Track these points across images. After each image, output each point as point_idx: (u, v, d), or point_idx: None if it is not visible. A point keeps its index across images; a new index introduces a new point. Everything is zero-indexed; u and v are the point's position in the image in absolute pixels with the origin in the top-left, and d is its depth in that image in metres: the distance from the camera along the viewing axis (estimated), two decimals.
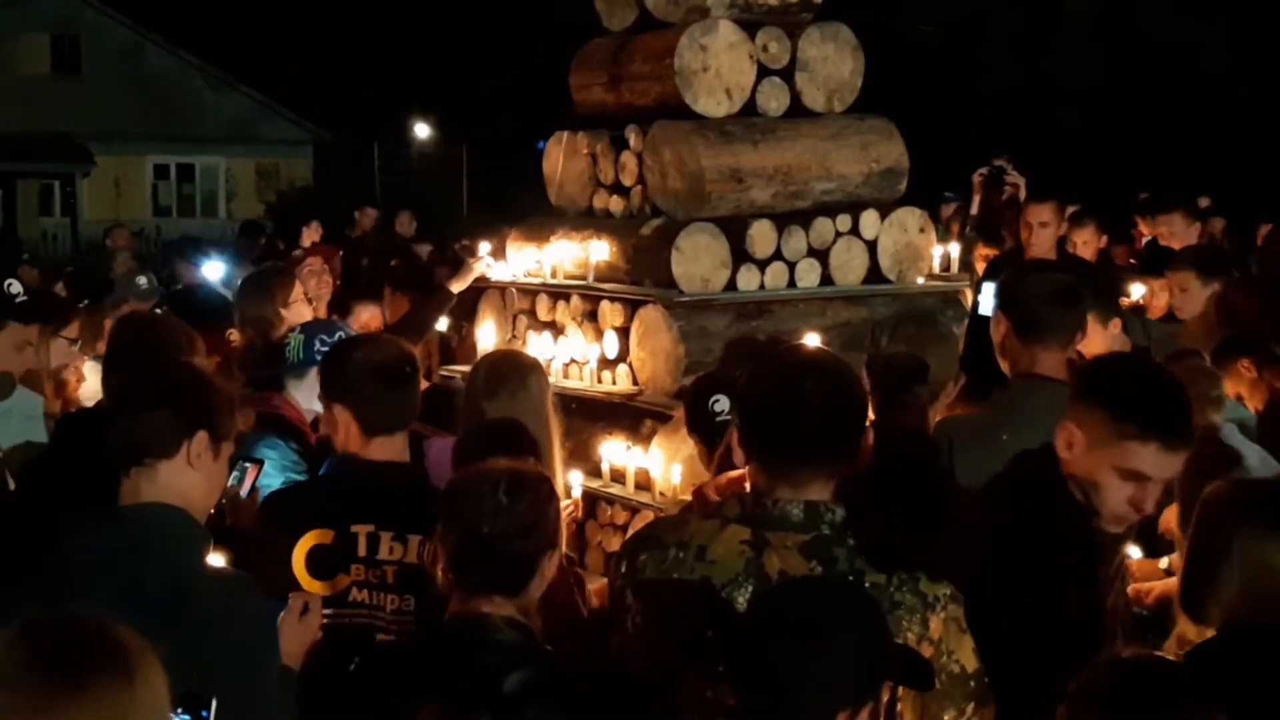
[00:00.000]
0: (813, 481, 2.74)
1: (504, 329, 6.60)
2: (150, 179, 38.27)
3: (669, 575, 2.79)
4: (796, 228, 5.94)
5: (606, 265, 6.10)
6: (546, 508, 3.10)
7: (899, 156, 6.25)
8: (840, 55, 6.19)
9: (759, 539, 2.73)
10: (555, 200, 6.72)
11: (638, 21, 6.31)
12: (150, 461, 3.01)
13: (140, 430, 3.01)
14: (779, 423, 2.74)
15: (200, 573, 2.99)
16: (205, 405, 3.07)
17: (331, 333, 4.92)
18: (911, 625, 2.67)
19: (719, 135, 5.91)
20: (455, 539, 3.03)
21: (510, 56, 32.27)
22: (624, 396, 5.81)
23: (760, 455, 2.78)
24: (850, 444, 2.78)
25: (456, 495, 3.12)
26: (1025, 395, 3.78)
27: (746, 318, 5.79)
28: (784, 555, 2.70)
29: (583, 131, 6.50)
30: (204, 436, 3.03)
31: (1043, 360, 3.93)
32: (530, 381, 4.48)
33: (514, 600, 3.02)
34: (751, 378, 2.88)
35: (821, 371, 2.80)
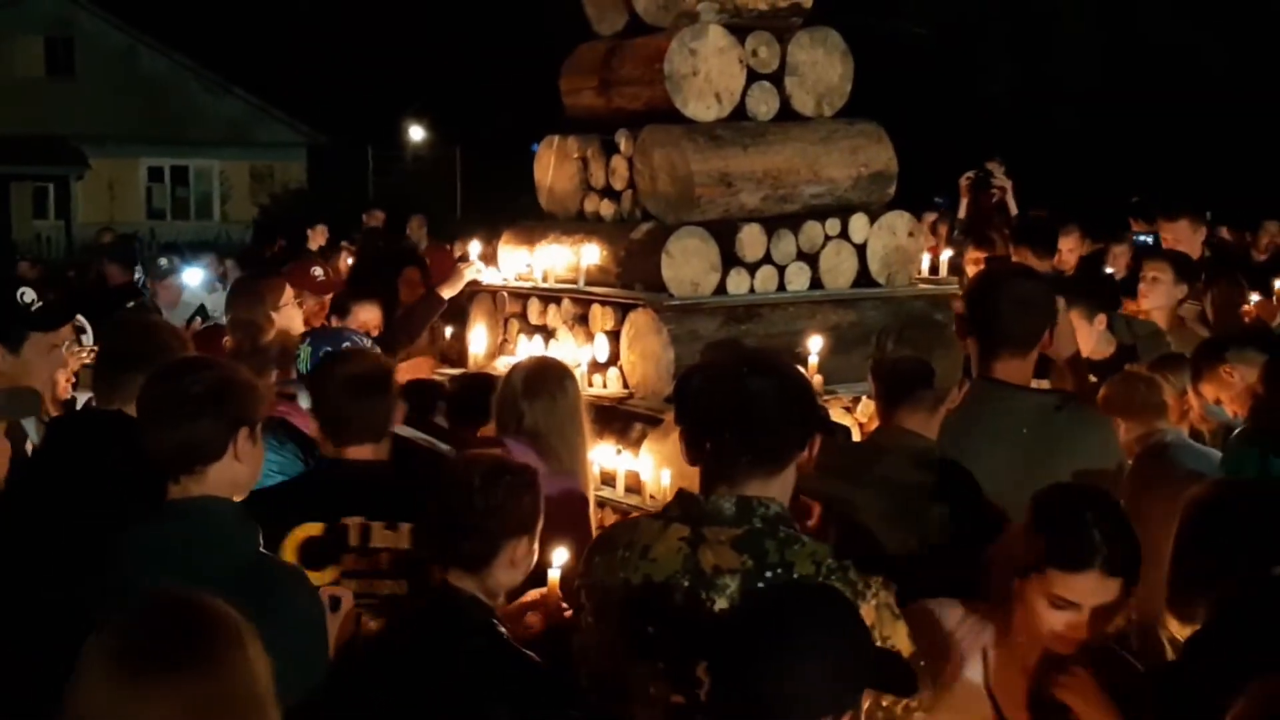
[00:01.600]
0: (750, 479, 2.82)
1: (495, 332, 6.62)
2: (144, 181, 38.20)
3: (615, 574, 2.89)
4: (786, 231, 5.96)
5: (597, 269, 6.12)
6: (521, 496, 3.22)
7: (888, 160, 6.27)
8: (829, 60, 6.21)
9: (696, 535, 2.82)
10: (546, 204, 6.74)
11: (628, 26, 6.34)
12: (200, 468, 3.11)
13: (187, 441, 3.10)
14: (716, 422, 2.82)
15: (254, 562, 3.09)
16: (243, 403, 3.17)
17: (338, 343, 4.93)
18: None
19: (709, 139, 5.93)
20: (428, 515, 3.23)
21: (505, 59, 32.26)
22: (614, 400, 5.83)
23: (700, 455, 2.86)
24: (788, 443, 2.86)
25: (439, 478, 3.32)
26: (980, 401, 3.81)
27: (736, 321, 5.82)
28: (717, 550, 2.78)
29: (573, 135, 6.52)
30: (245, 431, 3.15)
31: (1002, 365, 3.95)
32: (568, 385, 4.56)
33: (478, 577, 3.15)
34: (692, 381, 2.94)
35: (761, 373, 2.86)
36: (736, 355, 3.17)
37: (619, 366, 5.92)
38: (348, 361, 4.02)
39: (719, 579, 2.76)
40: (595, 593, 2.95)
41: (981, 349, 3.85)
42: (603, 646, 2.92)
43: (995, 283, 4.16)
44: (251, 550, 3.12)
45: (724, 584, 2.76)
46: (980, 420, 3.80)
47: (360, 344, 4.99)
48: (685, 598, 2.76)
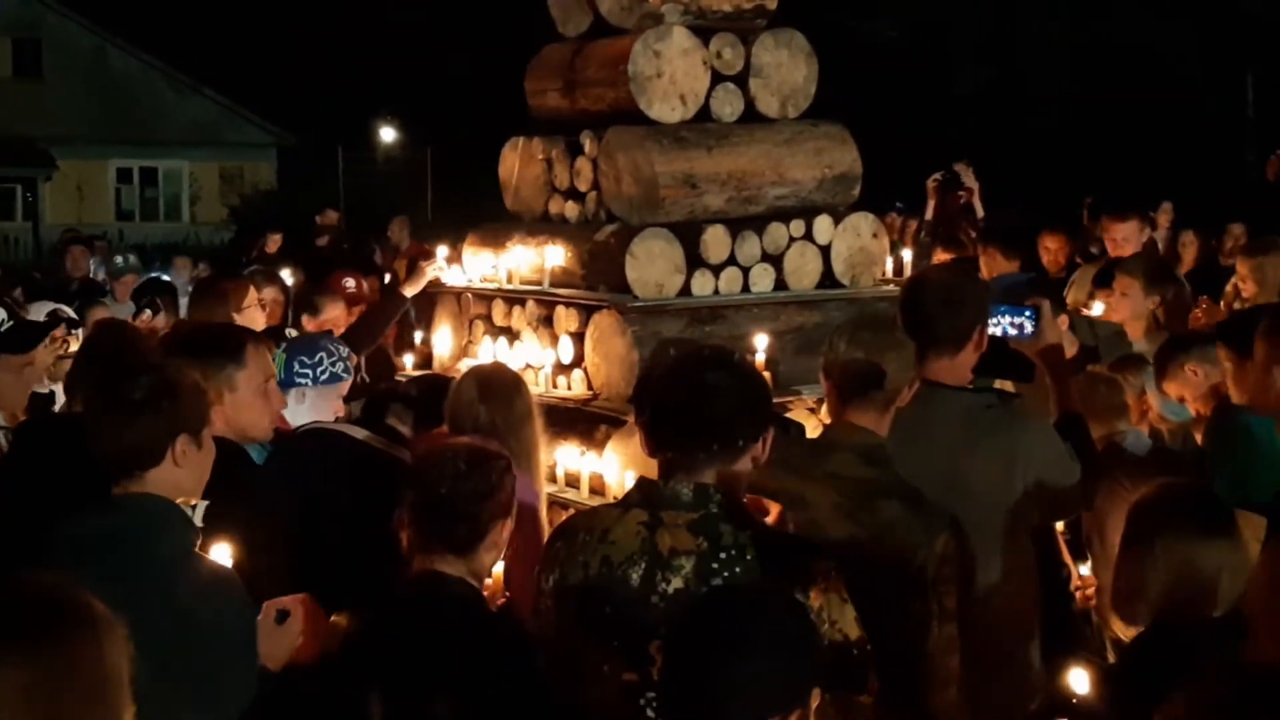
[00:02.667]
0: (707, 468, 2.96)
1: (460, 334, 6.61)
2: (113, 183, 38.01)
3: (575, 558, 3.02)
4: (750, 233, 5.97)
5: (562, 270, 6.12)
6: (502, 479, 3.32)
7: (852, 162, 6.29)
8: (794, 61, 6.22)
9: (654, 519, 2.95)
10: (511, 205, 6.73)
11: (592, 27, 6.33)
12: (139, 473, 3.14)
13: (126, 445, 3.13)
14: (676, 413, 2.97)
15: (184, 563, 3.09)
16: (185, 409, 3.19)
17: (313, 353, 4.92)
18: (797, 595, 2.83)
19: (673, 141, 5.93)
20: (416, 499, 3.28)
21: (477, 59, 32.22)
22: (579, 401, 5.83)
23: (660, 444, 2.99)
24: (744, 434, 2.99)
25: (420, 463, 3.42)
26: (917, 401, 3.83)
27: (700, 322, 5.82)
28: (674, 533, 2.91)
29: (538, 137, 6.52)
30: (186, 437, 3.17)
31: (935, 365, 3.96)
32: (523, 389, 4.62)
33: (465, 560, 3.24)
34: (653, 375, 3.11)
35: (719, 367, 3.02)
36: (697, 351, 3.31)
37: (583, 368, 5.91)
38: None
39: (675, 560, 2.89)
40: (555, 577, 3.07)
41: (918, 349, 3.86)
42: (560, 629, 3.03)
43: (923, 283, 4.18)
44: (184, 550, 3.11)
45: (679, 565, 2.89)
46: (914, 420, 3.82)
47: (338, 352, 5.01)
48: (641, 578, 2.89)
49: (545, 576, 3.10)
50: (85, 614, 2.25)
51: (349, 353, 5.19)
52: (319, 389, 4.87)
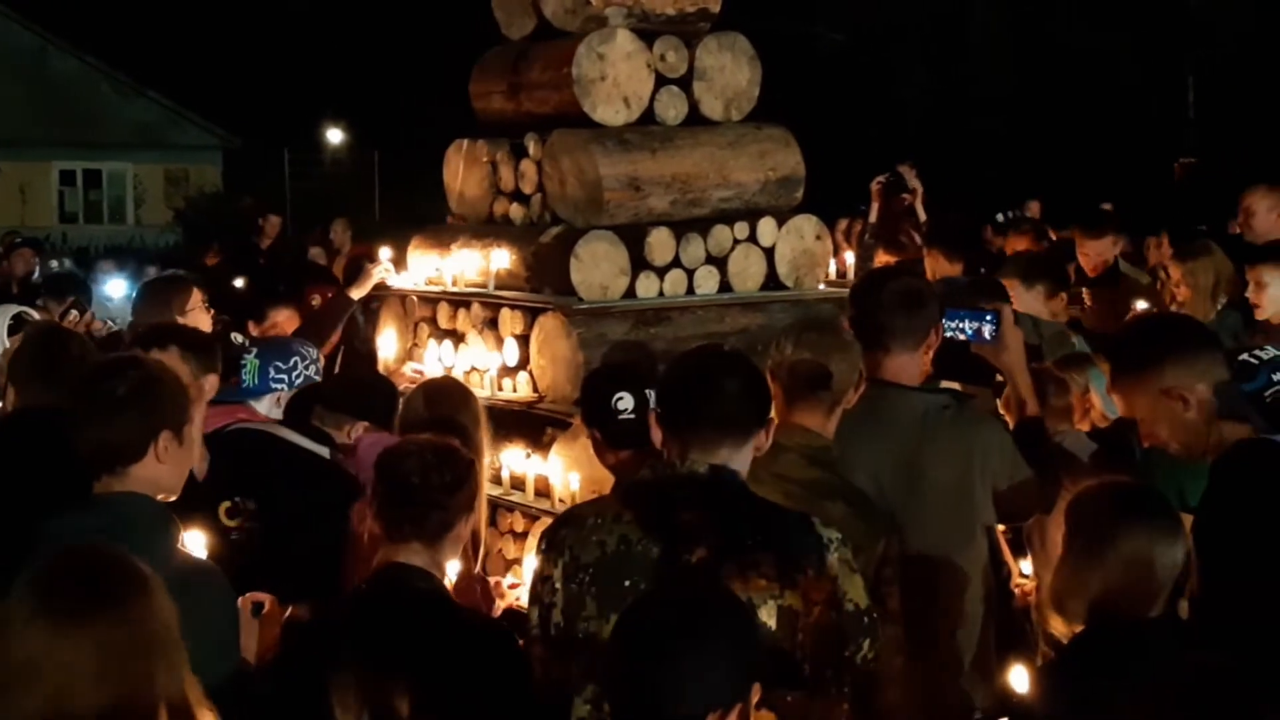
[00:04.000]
0: (720, 449, 3.08)
1: (405, 337, 6.59)
2: (56, 185, 37.47)
3: (588, 540, 3.11)
4: (695, 235, 5.99)
5: (507, 273, 6.11)
6: (469, 475, 3.44)
7: (795, 165, 6.33)
8: (737, 64, 6.25)
9: (671, 498, 3.05)
10: (456, 208, 6.73)
11: (536, 30, 6.33)
12: (121, 468, 3.20)
13: (109, 441, 3.19)
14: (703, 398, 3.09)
15: (167, 558, 3.12)
16: (168, 406, 3.26)
17: (287, 358, 4.91)
18: (813, 563, 3.03)
19: (617, 143, 5.95)
20: (386, 488, 3.39)
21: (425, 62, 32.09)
22: (524, 404, 5.83)
23: (679, 429, 3.10)
24: (755, 423, 3.15)
25: (392, 455, 3.49)
26: (867, 401, 3.86)
27: (645, 324, 5.83)
28: (693, 509, 3.01)
29: (482, 139, 6.51)
30: (168, 434, 3.22)
31: (887, 365, 3.99)
32: (471, 401, 4.69)
33: (431, 551, 3.34)
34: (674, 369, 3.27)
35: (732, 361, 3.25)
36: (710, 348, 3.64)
37: (529, 371, 5.92)
38: None
39: (697, 534, 3.00)
40: (565, 560, 3.14)
41: (867, 350, 3.89)
42: (567, 608, 3.11)
43: (876, 284, 4.22)
44: (167, 547, 3.18)
45: (703, 536, 3.00)
46: (866, 421, 3.85)
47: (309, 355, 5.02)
48: (663, 551, 3.00)
49: (551, 562, 3.17)
50: (141, 577, 2.57)
51: (317, 354, 5.23)
52: (293, 393, 4.87)
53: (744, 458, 3.14)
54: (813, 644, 2.99)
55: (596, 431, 4.57)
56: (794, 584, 2.99)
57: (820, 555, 3.05)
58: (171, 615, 2.58)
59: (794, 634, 2.97)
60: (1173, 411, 3.25)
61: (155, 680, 2.52)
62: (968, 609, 3.99)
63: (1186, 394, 3.23)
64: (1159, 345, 3.34)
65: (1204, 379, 3.25)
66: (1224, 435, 3.22)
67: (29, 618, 2.48)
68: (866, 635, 3.10)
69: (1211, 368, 3.29)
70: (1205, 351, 3.33)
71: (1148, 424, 3.35)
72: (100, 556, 2.60)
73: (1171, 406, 3.25)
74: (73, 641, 2.46)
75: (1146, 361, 3.31)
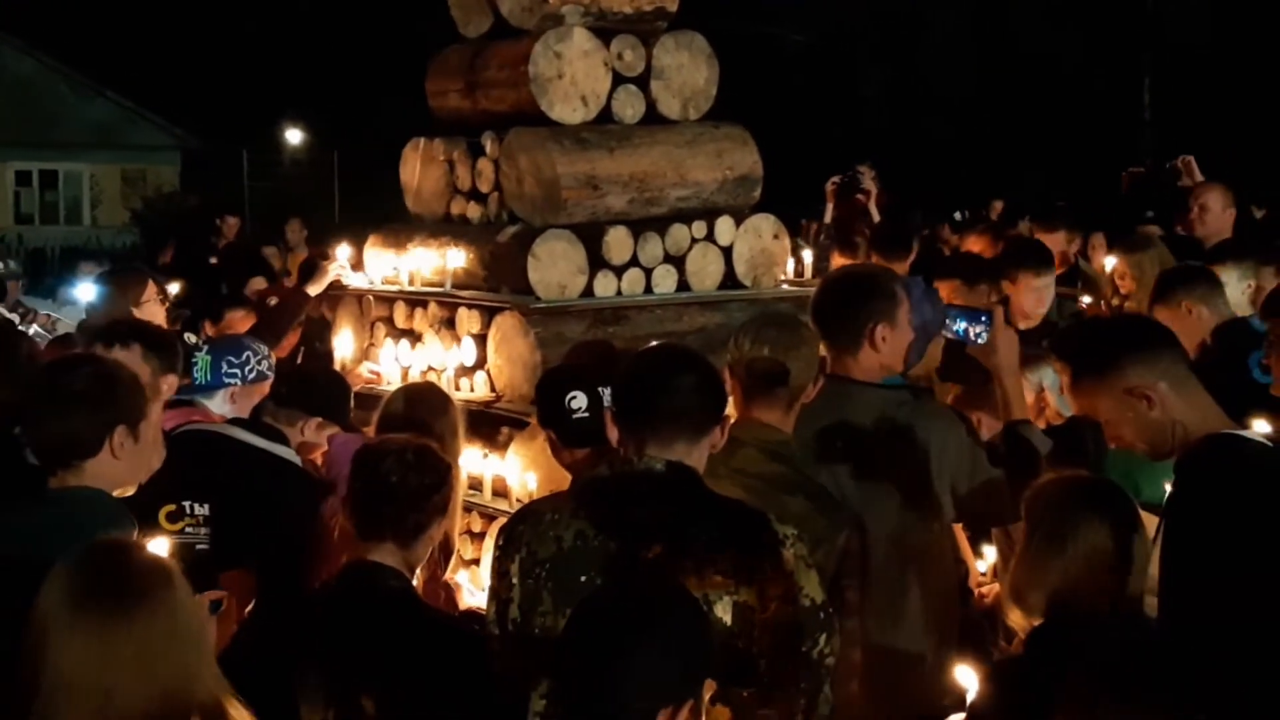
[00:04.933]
0: (676, 445, 3.08)
1: (361, 336, 6.55)
2: (12, 186, 37.10)
3: (545, 536, 3.11)
4: (653, 234, 5.98)
5: (464, 272, 6.09)
6: (446, 478, 3.46)
7: (753, 164, 6.33)
8: (695, 63, 6.25)
9: (628, 493, 3.06)
10: (413, 207, 6.69)
11: (493, 28, 6.31)
12: (76, 463, 3.20)
13: (64, 436, 3.20)
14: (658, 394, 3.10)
15: None
16: (123, 402, 3.26)
17: (239, 354, 4.89)
18: (769, 558, 3.03)
19: (575, 142, 5.93)
20: (362, 485, 3.39)
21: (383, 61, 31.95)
22: (481, 403, 5.80)
23: (635, 425, 3.10)
24: (711, 420, 3.16)
25: (370, 453, 3.50)
26: (824, 397, 3.87)
27: (603, 324, 5.82)
28: (650, 504, 3.02)
29: (439, 138, 6.48)
30: (124, 429, 3.22)
31: (841, 361, 3.99)
32: (451, 411, 4.69)
33: (404, 551, 3.34)
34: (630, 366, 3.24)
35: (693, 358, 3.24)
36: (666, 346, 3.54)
37: (486, 370, 5.89)
38: None
39: (654, 528, 3.00)
40: (522, 556, 3.13)
41: (827, 346, 3.90)
42: (524, 602, 3.10)
43: (827, 282, 4.24)
44: None
45: (657, 533, 3.00)
46: (822, 417, 3.86)
47: (261, 350, 4.98)
48: (620, 546, 2.99)
49: (509, 557, 3.16)
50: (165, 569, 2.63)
51: (268, 350, 5.20)
52: (246, 388, 4.84)
53: (700, 454, 3.14)
54: (770, 640, 2.98)
55: (552, 431, 4.57)
56: (750, 580, 2.99)
57: (776, 551, 3.05)
58: (196, 605, 2.65)
59: (751, 630, 2.96)
60: (1137, 411, 3.24)
61: (192, 671, 2.57)
62: (927, 604, 3.99)
63: (1150, 392, 3.23)
64: (1119, 345, 3.33)
65: (1165, 377, 3.25)
66: (1188, 432, 3.22)
67: (69, 624, 2.50)
68: (823, 630, 3.09)
69: (1172, 365, 3.29)
70: (1165, 349, 3.33)
71: (1113, 426, 3.35)
72: (123, 552, 2.65)
73: (1135, 406, 3.24)
74: (116, 642, 2.49)
75: (1107, 362, 3.30)
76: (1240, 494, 3.08)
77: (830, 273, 4.54)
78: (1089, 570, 3.14)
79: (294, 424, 4.67)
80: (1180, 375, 3.28)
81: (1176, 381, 3.25)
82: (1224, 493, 3.09)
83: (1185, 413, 3.22)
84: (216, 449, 4.46)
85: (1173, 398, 3.23)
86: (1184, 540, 3.10)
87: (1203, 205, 7.22)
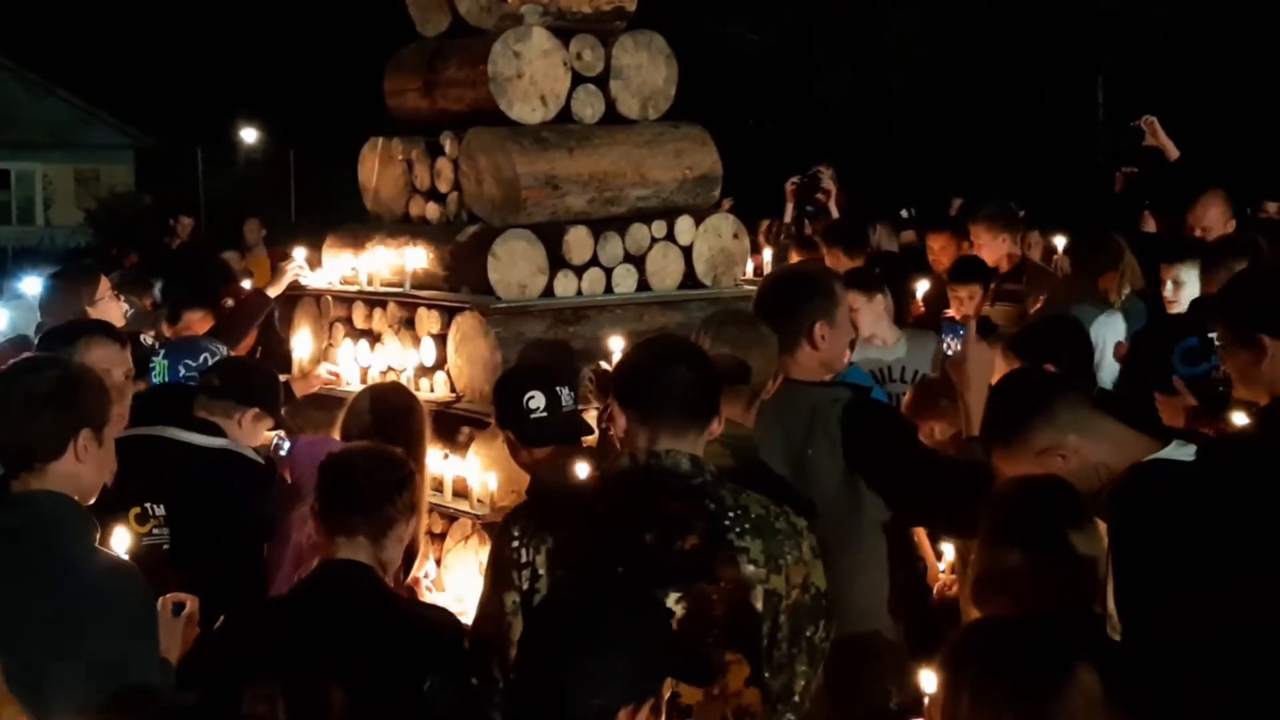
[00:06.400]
0: (688, 435, 3.19)
1: (320, 337, 6.52)
2: None
3: (577, 525, 3.14)
4: (613, 234, 5.98)
5: (423, 272, 6.07)
6: (411, 478, 3.49)
7: (712, 163, 6.34)
8: (654, 63, 6.25)
9: (657, 487, 3.14)
10: (371, 207, 6.66)
11: (451, 27, 6.29)
12: (39, 465, 3.19)
13: (27, 439, 3.19)
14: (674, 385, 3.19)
15: (85, 557, 3.18)
16: (87, 404, 3.26)
17: (196, 356, 4.86)
18: (791, 549, 3.17)
19: (534, 142, 5.92)
20: (330, 486, 3.42)
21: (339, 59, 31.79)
22: (442, 404, 5.78)
23: (649, 416, 3.17)
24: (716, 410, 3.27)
25: (337, 457, 3.54)
26: (779, 396, 3.90)
27: (564, 323, 5.82)
28: (680, 499, 3.12)
29: (398, 137, 6.46)
30: (88, 433, 3.22)
31: (784, 360, 4.00)
32: (417, 410, 4.73)
33: (374, 548, 3.35)
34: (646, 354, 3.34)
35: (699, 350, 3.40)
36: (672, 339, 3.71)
37: (446, 370, 5.88)
38: None
39: (688, 521, 3.09)
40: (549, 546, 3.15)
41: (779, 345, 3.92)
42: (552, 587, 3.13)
43: (765, 282, 4.33)
44: (84, 545, 3.19)
45: (694, 524, 3.09)
46: (772, 413, 3.88)
47: (219, 352, 4.96)
48: (655, 539, 3.05)
49: (532, 547, 3.16)
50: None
51: (226, 351, 5.18)
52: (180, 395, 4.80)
53: (703, 444, 3.25)
54: (790, 626, 3.15)
55: (510, 432, 4.60)
56: (778, 569, 3.13)
57: (797, 541, 3.19)
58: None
59: (776, 616, 3.12)
60: (1054, 468, 3.26)
61: None
62: (864, 601, 3.99)
63: (1060, 450, 3.25)
64: (1019, 412, 3.34)
65: (1071, 428, 3.25)
66: (1112, 469, 3.24)
67: None
68: (825, 617, 3.24)
69: (1074, 414, 3.29)
70: (1061, 402, 3.31)
71: None
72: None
73: (1051, 464, 3.26)
74: None
75: (1011, 432, 3.32)
76: (1168, 520, 3.10)
77: (771, 273, 4.57)
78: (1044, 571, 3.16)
79: (230, 416, 4.62)
80: (1084, 419, 3.28)
81: (1083, 428, 3.26)
82: (1153, 520, 3.11)
83: (1103, 453, 3.25)
84: (159, 450, 4.43)
85: (1086, 445, 3.25)
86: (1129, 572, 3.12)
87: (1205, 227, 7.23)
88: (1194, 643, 2.98)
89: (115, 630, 3.12)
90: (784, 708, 3.21)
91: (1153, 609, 3.07)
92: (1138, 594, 3.09)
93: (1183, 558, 3.05)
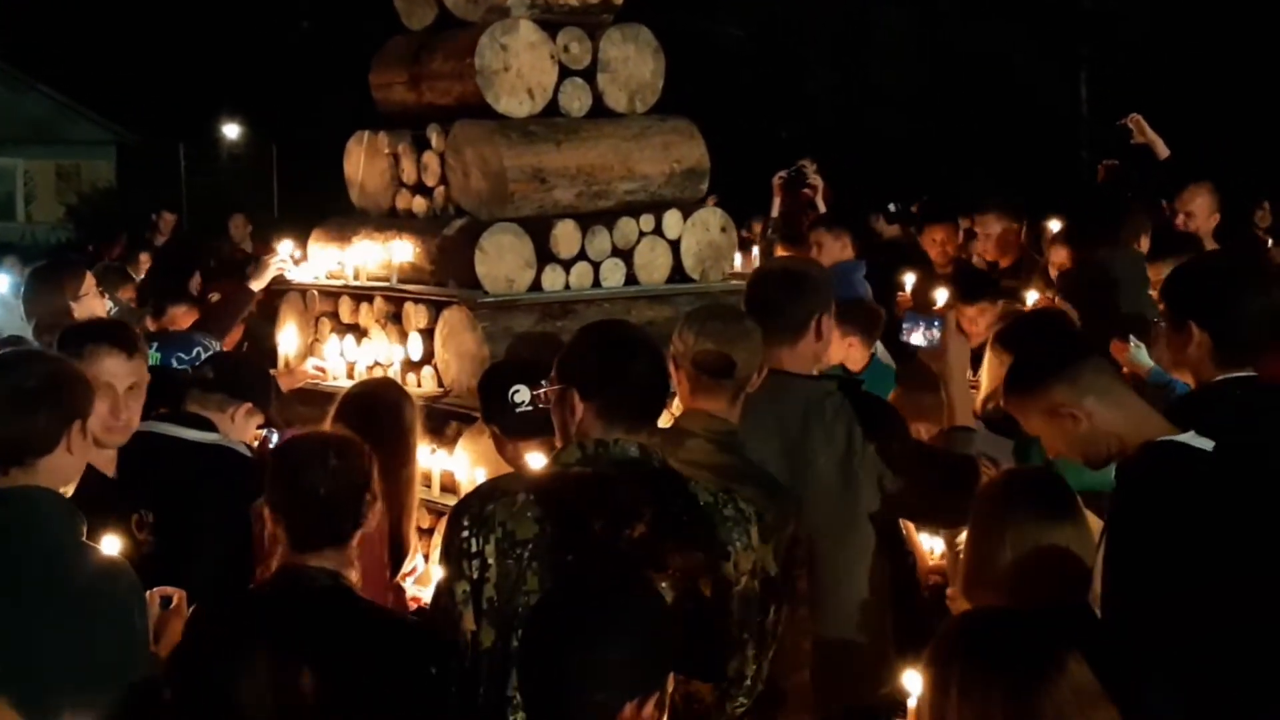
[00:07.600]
0: (643, 427, 3.20)
1: (306, 332, 6.49)
2: None
3: (523, 516, 3.10)
4: (600, 228, 5.96)
5: (410, 266, 6.04)
6: (370, 464, 3.38)
7: (700, 157, 6.32)
8: (641, 56, 6.23)
9: (605, 476, 3.13)
10: (357, 201, 6.63)
11: (437, 20, 6.26)
12: (31, 460, 3.19)
13: (21, 434, 3.18)
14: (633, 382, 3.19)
15: (74, 552, 3.18)
16: (77, 397, 3.27)
17: (189, 349, 4.83)
18: (740, 535, 3.16)
19: (521, 135, 5.90)
20: (290, 498, 3.25)
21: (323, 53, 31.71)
22: (429, 399, 5.76)
23: (607, 411, 3.17)
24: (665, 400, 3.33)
25: (289, 458, 3.35)
26: (763, 389, 3.87)
27: (551, 318, 5.79)
28: (629, 487, 3.09)
29: (384, 131, 6.43)
30: (79, 424, 3.24)
31: (777, 354, 3.99)
32: (406, 406, 4.68)
33: (339, 553, 3.27)
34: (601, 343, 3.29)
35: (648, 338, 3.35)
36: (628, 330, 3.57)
37: (433, 365, 5.85)
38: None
39: (636, 510, 3.07)
40: (498, 536, 3.12)
41: (766, 338, 3.90)
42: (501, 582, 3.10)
43: (765, 273, 4.28)
44: (72, 540, 3.19)
45: (641, 513, 3.07)
46: (755, 409, 3.86)
47: (210, 345, 4.92)
48: (605, 526, 3.04)
49: (480, 537, 3.12)
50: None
51: (218, 345, 5.15)
52: None
53: (655, 434, 3.26)
54: (742, 612, 3.15)
55: (495, 426, 4.58)
56: (727, 556, 3.13)
57: (746, 528, 3.18)
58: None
59: (727, 603, 3.12)
60: (1064, 428, 3.29)
61: None
62: (855, 595, 3.99)
63: (1075, 411, 3.27)
64: (1041, 366, 3.38)
65: (1090, 391, 3.28)
66: (1124, 442, 3.25)
67: None
68: (774, 602, 3.24)
69: (1096, 378, 3.32)
70: (1086, 365, 3.35)
71: (1046, 439, 3.42)
72: None
73: (1062, 424, 3.29)
74: None
75: (1031, 383, 3.37)
76: (1182, 505, 3.10)
77: (764, 266, 4.56)
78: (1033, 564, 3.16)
79: (224, 411, 4.59)
80: (1105, 386, 3.32)
81: (1103, 394, 3.29)
82: (1165, 504, 3.12)
83: (1118, 423, 3.27)
84: (151, 446, 4.39)
85: (1102, 411, 3.27)
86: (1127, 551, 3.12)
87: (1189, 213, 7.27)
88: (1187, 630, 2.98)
89: (106, 624, 3.13)
90: (736, 691, 3.19)
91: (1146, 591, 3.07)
92: (1132, 573, 3.09)
93: (1188, 547, 3.06)
